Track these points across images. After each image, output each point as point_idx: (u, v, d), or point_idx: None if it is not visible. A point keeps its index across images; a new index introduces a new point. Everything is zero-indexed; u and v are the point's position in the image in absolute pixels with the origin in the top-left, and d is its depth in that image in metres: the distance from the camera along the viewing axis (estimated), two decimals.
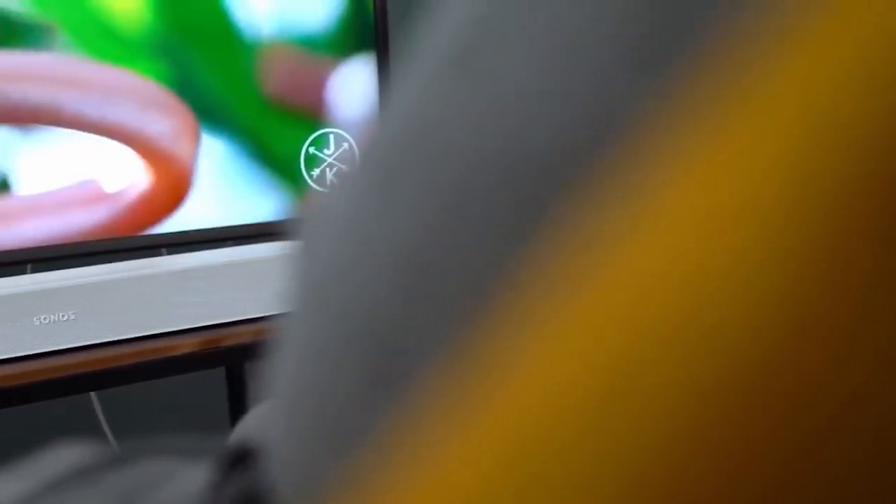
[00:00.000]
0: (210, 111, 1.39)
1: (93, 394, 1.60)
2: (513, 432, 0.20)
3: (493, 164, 0.29)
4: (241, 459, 0.37)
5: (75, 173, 1.33)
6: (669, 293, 0.19)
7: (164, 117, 1.36)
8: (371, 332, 0.30)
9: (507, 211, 0.28)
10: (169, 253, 1.46)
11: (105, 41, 1.32)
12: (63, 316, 1.19)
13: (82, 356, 1.19)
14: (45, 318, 1.18)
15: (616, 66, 0.27)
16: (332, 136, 1.45)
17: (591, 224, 0.22)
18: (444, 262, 0.29)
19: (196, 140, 1.38)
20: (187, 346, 1.23)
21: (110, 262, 1.33)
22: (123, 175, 1.35)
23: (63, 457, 0.46)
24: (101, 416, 1.62)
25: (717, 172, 0.20)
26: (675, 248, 0.19)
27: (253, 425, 0.52)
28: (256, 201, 1.42)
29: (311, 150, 1.44)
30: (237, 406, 1.74)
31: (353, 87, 1.46)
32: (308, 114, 1.44)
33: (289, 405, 0.33)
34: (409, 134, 0.32)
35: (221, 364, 1.63)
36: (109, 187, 1.35)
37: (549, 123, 0.28)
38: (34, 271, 1.37)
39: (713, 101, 0.21)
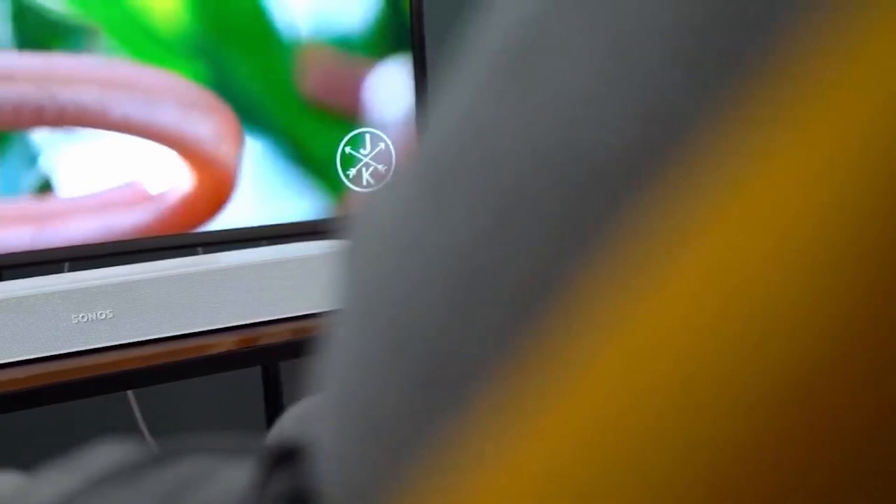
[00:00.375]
0: (248, 112, 1.39)
1: (130, 392, 1.61)
2: (572, 439, 0.20)
3: (546, 169, 0.29)
4: (284, 459, 0.38)
5: (118, 175, 1.34)
6: (731, 296, 0.19)
7: (206, 119, 1.37)
8: (420, 337, 0.30)
9: (563, 216, 0.28)
10: (205, 252, 1.46)
11: (145, 43, 1.33)
12: (101, 314, 1.19)
13: (119, 355, 1.19)
14: (83, 317, 1.18)
15: (672, 70, 0.27)
16: (368, 136, 1.45)
17: (649, 228, 0.22)
18: (496, 268, 0.29)
19: (239, 142, 1.38)
20: (224, 345, 1.24)
21: (147, 261, 1.33)
22: (166, 177, 1.36)
23: (106, 454, 0.46)
24: (138, 415, 1.63)
25: (776, 176, 0.20)
26: (735, 251, 0.19)
27: (293, 424, 0.52)
28: (293, 201, 1.42)
29: (348, 149, 1.44)
30: (273, 405, 1.74)
31: (389, 87, 1.46)
32: (344, 114, 1.45)
33: (338, 407, 0.33)
34: (458, 138, 0.32)
35: (258, 363, 1.64)
36: (152, 189, 1.35)
37: (604, 127, 0.28)
38: (72, 270, 1.38)
39: (772, 106, 0.21)
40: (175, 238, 1.38)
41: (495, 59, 0.32)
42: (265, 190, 1.41)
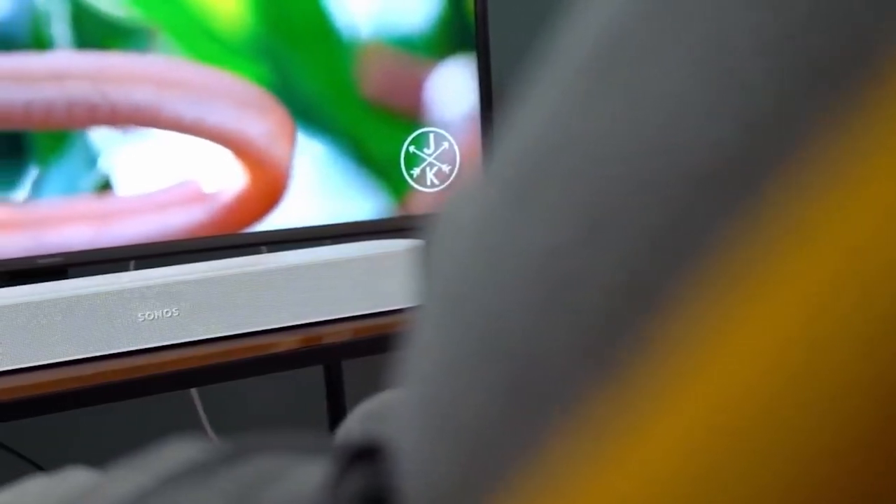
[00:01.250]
0: (309, 112, 1.40)
1: (193, 390, 1.62)
2: (666, 451, 0.19)
3: (639, 178, 0.28)
4: (358, 458, 0.38)
5: (174, 174, 1.35)
6: (838, 307, 0.19)
7: (261, 119, 1.37)
8: (506, 340, 0.30)
9: (656, 227, 0.28)
10: (269, 251, 1.47)
11: (205, 43, 1.34)
12: (167, 312, 1.20)
13: (184, 352, 1.20)
14: (148, 315, 1.19)
15: (767, 75, 0.27)
16: (431, 136, 1.45)
17: (750, 239, 0.22)
18: (584, 276, 0.29)
19: (292, 142, 1.39)
20: (287, 343, 1.24)
21: (211, 259, 1.34)
22: (221, 176, 1.36)
23: (177, 452, 0.46)
24: (202, 413, 1.64)
25: (883, 191, 0.19)
26: (845, 263, 0.19)
27: (362, 423, 0.52)
28: (356, 200, 1.42)
29: (412, 149, 1.44)
30: (335, 404, 1.75)
31: (452, 87, 1.46)
32: (407, 114, 1.45)
33: (420, 407, 0.33)
34: (546, 143, 0.31)
35: (320, 362, 1.64)
36: (207, 188, 1.36)
37: (698, 135, 0.27)
38: (137, 268, 1.39)
39: (882, 118, 0.20)
40: (240, 237, 1.39)
41: (584, 64, 0.31)
42: (328, 190, 1.41)
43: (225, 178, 1.37)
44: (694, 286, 0.25)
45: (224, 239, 1.38)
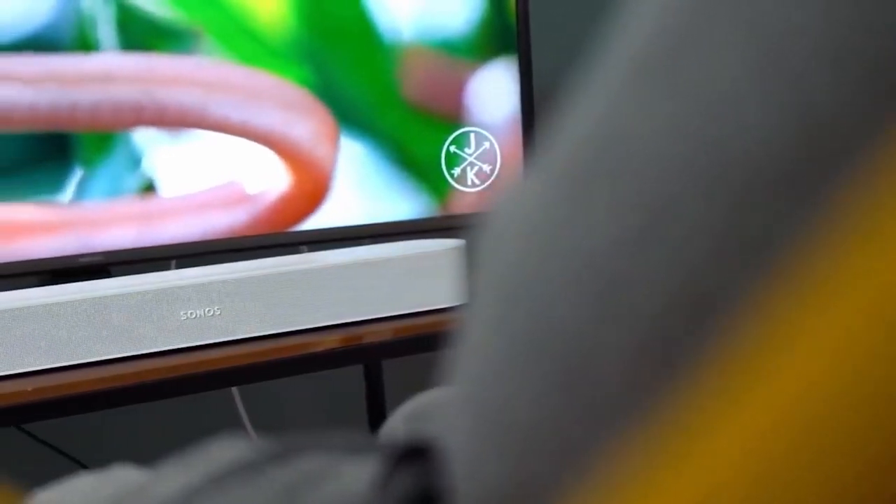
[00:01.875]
0: (350, 114, 1.40)
1: (234, 388, 1.62)
2: (731, 456, 0.19)
3: (695, 176, 0.28)
4: (407, 457, 0.38)
5: (218, 175, 1.35)
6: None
7: (305, 120, 1.38)
8: (558, 339, 0.30)
9: (711, 224, 0.28)
10: (310, 250, 1.47)
11: (248, 45, 1.34)
12: (209, 311, 1.20)
13: (225, 351, 1.21)
14: (190, 314, 1.20)
15: (823, 74, 0.27)
16: (472, 136, 1.45)
17: (806, 239, 0.22)
18: (639, 275, 0.29)
19: (336, 143, 1.39)
20: (328, 343, 1.25)
21: (251, 259, 1.34)
22: (264, 177, 1.37)
23: (224, 451, 0.47)
24: (242, 411, 1.64)
25: None
26: None
27: (407, 422, 0.52)
28: (397, 201, 1.43)
29: (453, 148, 1.45)
30: (374, 403, 1.75)
31: (493, 88, 1.46)
32: (448, 115, 1.45)
33: (471, 405, 0.33)
34: (601, 140, 0.31)
35: (360, 361, 1.64)
36: (251, 189, 1.37)
37: (753, 135, 0.27)
38: (177, 268, 1.40)
39: None
40: (281, 236, 1.39)
41: (638, 61, 0.31)
42: (369, 190, 1.42)
43: (268, 180, 1.37)
44: (753, 285, 0.25)
45: (265, 238, 1.39)
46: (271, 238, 1.39)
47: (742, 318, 0.21)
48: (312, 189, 1.39)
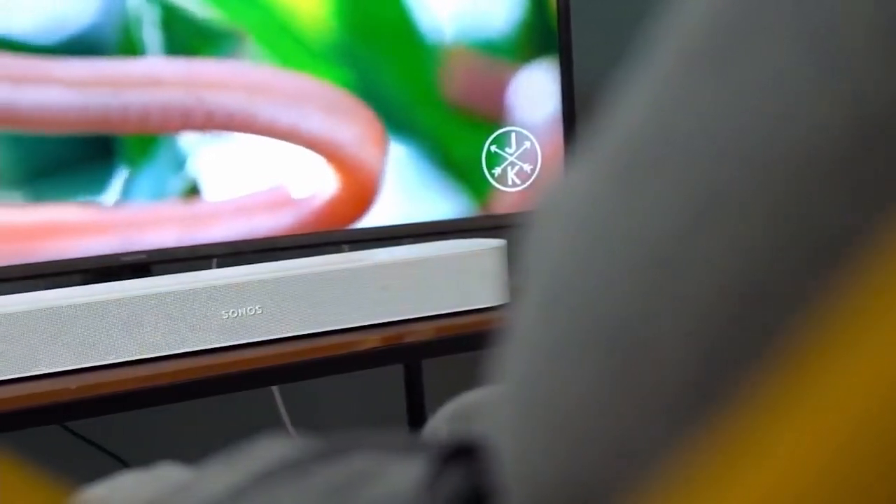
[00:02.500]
0: (393, 115, 1.40)
1: (274, 387, 1.63)
2: (805, 461, 0.19)
3: (750, 164, 0.28)
4: (454, 457, 0.38)
5: (262, 179, 1.36)
6: None
7: (351, 124, 1.38)
8: (610, 330, 0.30)
9: (767, 212, 0.27)
10: (351, 250, 1.48)
11: (293, 49, 1.35)
12: (250, 310, 1.21)
13: (267, 350, 1.21)
14: (232, 312, 1.20)
15: (877, 64, 0.27)
16: (513, 135, 1.45)
17: (861, 225, 0.21)
18: (693, 262, 0.29)
19: (383, 147, 1.39)
20: (369, 342, 1.25)
21: (293, 258, 1.34)
22: (311, 181, 1.37)
23: (270, 449, 0.47)
24: (283, 410, 1.65)
25: None
26: None
27: (452, 422, 0.52)
28: (438, 200, 1.43)
29: (493, 148, 1.44)
30: (414, 403, 1.75)
31: (534, 88, 1.46)
32: (489, 115, 1.45)
33: (522, 404, 0.33)
34: (653, 131, 0.31)
35: (402, 361, 1.64)
36: (297, 193, 1.37)
37: (809, 125, 0.27)
38: (219, 267, 1.40)
39: None
40: (322, 235, 1.39)
41: (689, 53, 0.31)
42: (410, 189, 1.42)
43: (314, 183, 1.37)
44: (812, 273, 0.25)
45: (306, 238, 1.39)
46: (312, 238, 1.39)
47: (802, 307, 0.21)
48: (359, 193, 1.39)
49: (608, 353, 0.30)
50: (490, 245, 1.33)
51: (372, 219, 1.40)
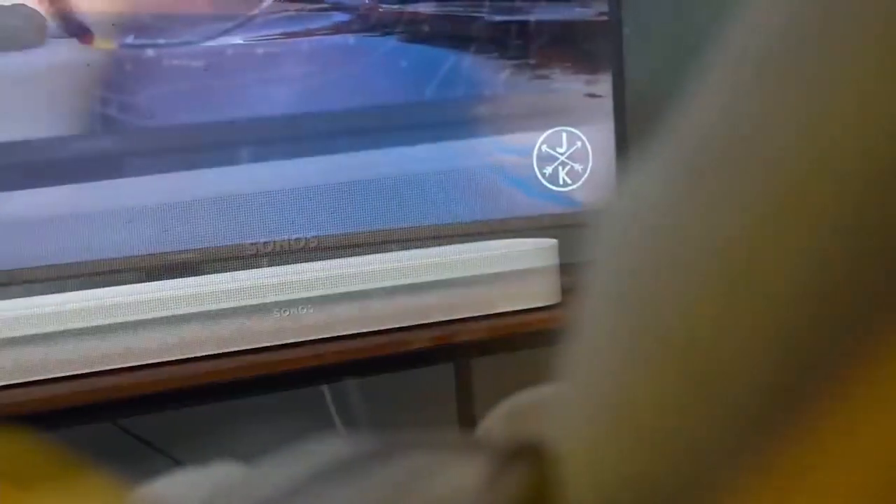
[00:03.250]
0: None
1: (325, 386, 1.63)
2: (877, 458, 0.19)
3: (826, 167, 0.28)
4: (516, 457, 0.37)
5: None
6: None
7: None
8: (683, 332, 0.30)
9: (842, 216, 0.27)
10: (398, 249, 1.47)
11: None
12: (301, 309, 1.21)
13: (317, 349, 1.21)
14: (284, 312, 1.20)
15: None
16: (564, 135, 1.44)
17: None
18: (769, 264, 0.28)
19: None
20: (419, 341, 1.25)
21: (342, 258, 1.34)
22: None
23: (325, 448, 0.47)
24: (332, 408, 1.65)
25: None
26: None
27: (509, 421, 0.52)
28: (488, 199, 1.42)
29: (545, 147, 1.44)
30: (465, 402, 1.75)
31: (585, 89, 1.45)
32: (540, 114, 1.45)
33: (591, 407, 0.33)
34: (723, 133, 0.31)
35: (451, 360, 1.64)
36: None
37: (887, 128, 0.27)
38: (270, 265, 1.40)
39: None
40: (372, 235, 1.39)
41: (762, 55, 0.31)
42: (460, 189, 1.42)
43: None
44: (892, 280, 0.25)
45: (356, 237, 1.39)
46: (363, 237, 1.39)
47: (884, 315, 0.21)
48: None
49: (684, 355, 0.30)
50: (540, 245, 1.32)
51: (422, 217, 1.40)
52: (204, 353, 1.17)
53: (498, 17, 1.40)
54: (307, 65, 1.33)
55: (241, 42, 1.29)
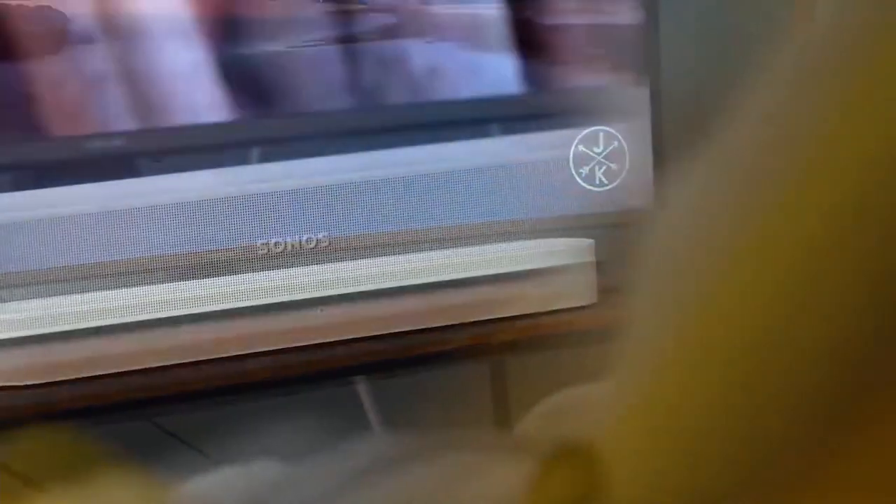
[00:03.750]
0: None
1: (360, 385, 1.63)
2: None
3: (879, 181, 0.28)
4: (558, 457, 0.37)
5: None
6: None
7: None
8: (733, 337, 0.30)
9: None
10: (437, 248, 1.47)
11: None
12: (338, 307, 1.21)
13: (354, 348, 1.21)
14: (321, 310, 1.21)
15: None
16: (601, 135, 1.44)
17: None
18: (827, 270, 0.28)
19: None
20: (455, 341, 1.25)
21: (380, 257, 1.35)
22: None
23: (366, 447, 0.47)
24: (368, 407, 1.65)
25: None
26: None
27: (547, 421, 0.52)
28: (521, 199, 1.42)
29: (581, 147, 1.44)
30: (500, 402, 1.75)
31: (621, 89, 1.45)
32: (577, 113, 1.44)
33: (637, 410, 0.33)
34: (773, 136, 0.31)
35: (487, 359, 1.64)
36: None
37: None
38: (305, 264, 1.41)
39: None
40: (402, 234, 1.39)
41: (811, 65, 0.31)
42: (496, 188, 1.42)
43: None
44: None
45: (391, 236, 1.39)
46: (393, 237, 1.39)
47: None
48: None
49: (730, 360, 0.30)
50: (577, 245, 1.32)
51: (456, 217, 1.40)
52: (241, 352, 1.18)
53: (536, 17, 1.40)
54: (331, 64, 1.33)
55: (267, 46, 1.29)
